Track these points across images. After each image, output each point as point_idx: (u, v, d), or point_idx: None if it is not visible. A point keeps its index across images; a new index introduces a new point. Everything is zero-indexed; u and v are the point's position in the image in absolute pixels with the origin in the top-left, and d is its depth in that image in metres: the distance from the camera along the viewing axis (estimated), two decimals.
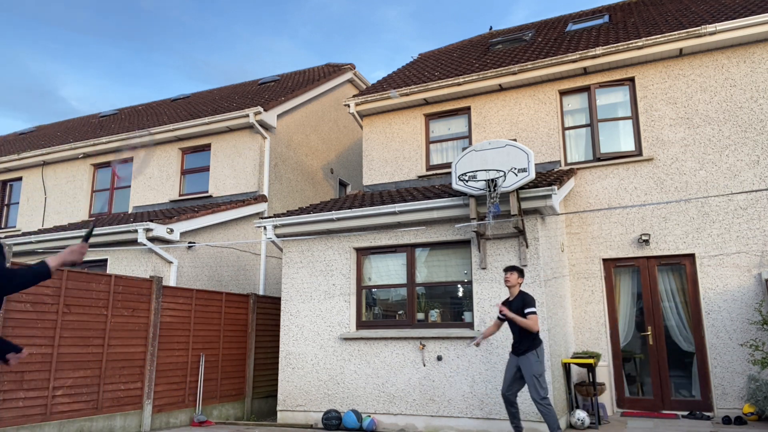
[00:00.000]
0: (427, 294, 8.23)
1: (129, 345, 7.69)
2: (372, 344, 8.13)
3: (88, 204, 13.96)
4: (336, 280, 8.57)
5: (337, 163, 15.33)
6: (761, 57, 8.82)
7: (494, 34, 14.81)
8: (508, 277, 6.17)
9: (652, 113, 9.29)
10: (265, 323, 10.17)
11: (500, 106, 10.41)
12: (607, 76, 9.72)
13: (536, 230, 7.51)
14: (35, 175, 14.85)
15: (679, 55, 9.26)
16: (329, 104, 15.13)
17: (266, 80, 16.62)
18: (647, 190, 9.05)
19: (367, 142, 11.54)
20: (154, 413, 7.92)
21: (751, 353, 7.93)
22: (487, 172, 7.46)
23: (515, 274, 6.17)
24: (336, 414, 7.89)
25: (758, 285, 8.15)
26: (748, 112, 8.73)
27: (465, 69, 11.09)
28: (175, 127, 12.82)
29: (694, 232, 8.65)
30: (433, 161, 10.96)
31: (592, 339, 8.94)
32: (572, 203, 9.42)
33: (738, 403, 7.94)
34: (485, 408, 7.31)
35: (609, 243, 9.11)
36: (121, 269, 9.58)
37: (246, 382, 9.57)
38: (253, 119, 12.01)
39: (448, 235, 8.00)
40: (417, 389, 7.74)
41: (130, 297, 7.78)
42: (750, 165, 8.56)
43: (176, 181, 12.97)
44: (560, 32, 12.06)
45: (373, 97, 11.23)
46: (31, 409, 6.45)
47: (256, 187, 12.04)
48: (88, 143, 13.88)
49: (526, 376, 5.87)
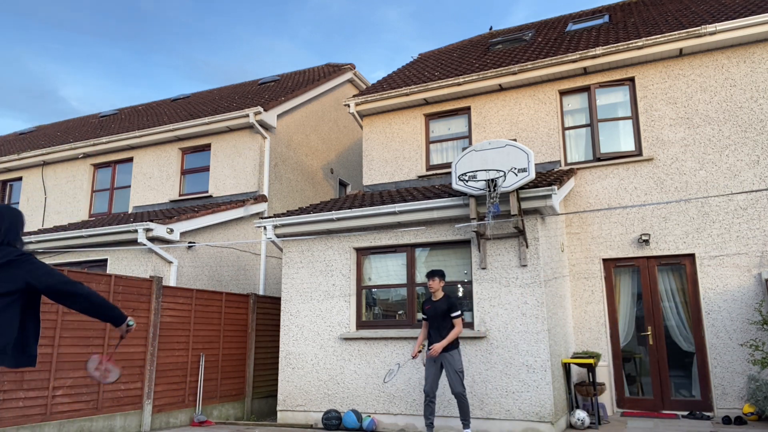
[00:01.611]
0: (427, 294, 8.23)
1: (129, 345, 7.69)
2: (372, 344, 8.13)
3: (88, 204, 13.96)
4: (336, 280, 8.57)
5: (337, 163, 15.33)
6: (761, 57, 8.82)
7: (494, 34, 14.81)
8: (430, 283, 6.69)
9: (652, 113, 9.29)
10: (265, 323, 10.17)
11: (500, 106, 10.41)
12: (607, 76, 9.72)
13: (536, 230, 7.51)
14: (35, 175, 14.85)
15: (679, 55, 9.27)
16: (329, 104, 15.13)
17: (266, 80, 16.62)
18: (647, 190, 9.05)
19: (367, 142, 11.54)
20: (154, 413, 7.92)
21: (751, 353, 7.93)
22: (487, 172, 7.46)
23: (437, 280, 6.69)
24: (336, 414, 7.89)
25: (758, 285, 8.15)
26: (748, 112, 8.73)
27: (465, 69, 11.09)
28: (175, 127, 12.82)
29: (694, 232, 8.65)
30: (433, 161, 10.96)
31: (592, 339, 8.94)
32: (572, 203, 9.42)
33: (738, 403, 7.94)
34: (485, 408, 7.31)
35: (609, 243, 9.11)
36: (121, 269, 9.58)
37: (246, 382, 9.57)
38: (253, 119, 12.01)
39: (448, 235, 8.00)
40: (417, 389, 7.74)
41: (130, 297, 7.78)
42: (750, 165, 8.56)
43: (176, 181, 12.97)
44: (560, 32, 12.06)
45: (373, 97, 11.23)
46: (31, 409, 6.45)
47: (256, 187, 12.04)
48: (88, 143, 13.87)
49: (450, 371, 6.40)
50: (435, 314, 6.59)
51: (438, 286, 6.67)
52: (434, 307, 6.62)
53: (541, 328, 7.18)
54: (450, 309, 6.52)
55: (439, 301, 6.64)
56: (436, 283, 6.68)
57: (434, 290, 6.70)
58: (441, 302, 6.61)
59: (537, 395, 7.05)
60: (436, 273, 6.75)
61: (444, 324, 6.51)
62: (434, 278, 6.70)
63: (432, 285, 6.70)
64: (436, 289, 6.69)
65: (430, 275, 6.75)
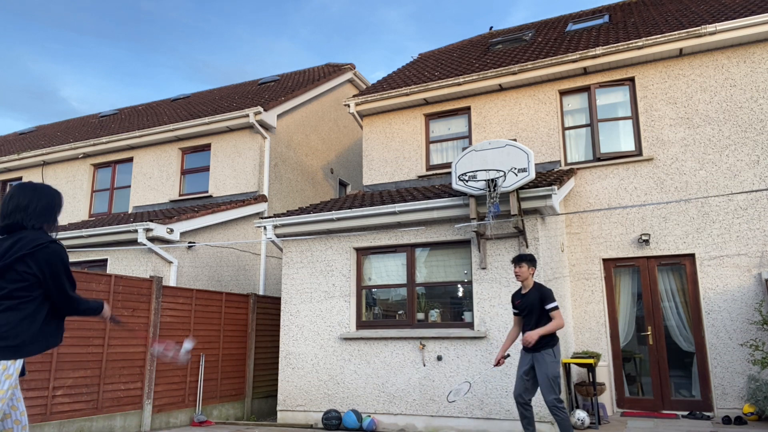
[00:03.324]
0: (427, 294, 8.23)
1: (129, 345, 7.69)
2: (372, 344, 8.13)
3: (88, 204, 13.96)
4: (336, 280, 8.57)
5: (337, 163, 15.33)
6: (761, 57, 8.82)
7: (494, 34, 14.81)
8: (517, 270, 5.51)
9: (652, 113, 9.29)
10: (265, 323, 10.17)
11: (500, 106, 10.41)
12: (607, 76, 9.72)
13: (536, 230, 7.51)
14: (35, 175, 14.85)
15: (679, 55, 9.26)
16: (329, 104, 15.12)
17: (266, 80, 16.62)
18: (647, 190, 9.04)
19: (367, 142, 11.54)
20: (154, 413, 7.92)
21: (751, 353, 7.93)
22: (487, 172, 7.46)
23: (525, 266, 5.49)
24: (336, 414, 7.88)
25: (758, 285, 8.15)
26: (748, 112, 8.73)
27: (465, 69, 11.09)
28: (175, 127, 12.82)
29: (694, 232, 8.65)
30: (433, 161, 10.96)
31: (592, 339, 8.94)
32: (572, 203, 9.42)
33: (738, 403, 7.94)
34: (485, 408, 7.31)
35: (609, 243, 9.11)
36: (121, 269, 9.58)
37: (246, 382, 9.57)
38: (253, 119, 12.01)
39: (448, 235, 8.00)
40: (417, 389, 7.74)
41: (130, 297, 7.78)
42: (750, 165, 8.56)
43: (176, 181, 12.97)
44: (560, 32, 12.06)
45: (373, 97, 11.23)
46: (31, 409, 6.44)
47: (256, 187, 12.04)
48: (88, 143, 13.87)
49: (540, 376, 5.23)
50: (527, 309, 5.41)
51: (527, 274, 5.47)
52: (525, 300, 5.46)
53: None
54: (543, 300, 5.32)
55: (530, 292, 5.45)
56: (524, 270, 5.48)
57: (522, 278, 5.49)
58: (532, 293, 5.42)
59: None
60: (524, 258, 5.51)
61: (540, 321, 5.33)
62: (521, 264, 5.49)
63: (519, 272, 5.49)
64: (524, 278, 5.48)
65: (517, 260, 5.53)
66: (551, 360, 5.22)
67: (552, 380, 5.16)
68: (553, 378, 5.17)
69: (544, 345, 5.26)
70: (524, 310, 5.44)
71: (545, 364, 5.21)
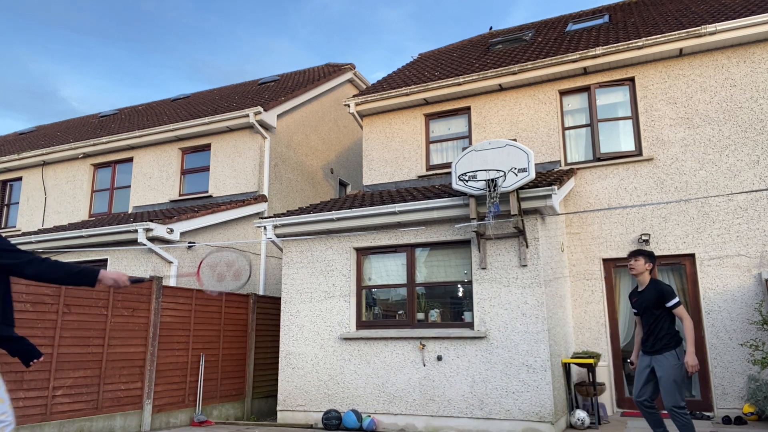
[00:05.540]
0: (427, 294, 8.23)
1: (129, 345, 7.69)
2: (372, 344, 8.13)
3: (88, 204, 13.96)
4: (336, 280, 8.57)
5: (337, 163, 15.33)
6: (761, 57, 8.82)
7: (494, 34, 14.81)
8: (632, 264, 5.12)
9: (652, 113, 9.29)
10: (265, 323, 10.17)
11: (500, 106, 10.41)
12: (607, 76, 9.72)
13: (536, 230, 7.51)
14: (35, 175, 14.85)
15: (679, 55, 9.26)
16: (329, 104, 15.13)
17: (266, 80, 16.62)
18: (647, 190, 9.05)
19: (367, 142, 11.54)
20: (154, 413, 7.92)
21: (751, 353, 7.93)
22: (487, 172, 7.46)
23: (641, 260, 5.10)
24: (336, 414, 7.89)
25: (758, 285, 8.15)
26: (748, 112, 8.73)
27: (465, 69, 11.09)
28: (175, 127, 12.82)
29: (694, 232, 8.65)
30: (433, 161, 10.96)
31: (592, 339, 8.94)
32: (572, 203, 9.42)
33: (738, 403, 7.94)
34: (485, 408, 7.30)
35: (609, 243, 9.11)
36: (121, 269, 9.58)
37: (246, 382, 9.57)
38: (253, 119, 12.01)
39: (448, 235, 8.00)
40: (417, 389, 7.74)
41: (130, 297, 7.78)
42: (750, 165, 8.56)
43: (176, 181, 12.97)
44: (560, 32, 12.06)
45: (373, 97, 11.23)
46: (31, 409, 6.45)
47: (256, 187, 12.04)
48: (88, 143, 13.87)
49: (660, 380, 4.88)
50: (643, 307, 5.07)
51: (643, 269, 5.06)
52: (641, 298, 5.10)
53: (541, 328, 7.18)
54: (661, 298, 4.93)
55: (646, 289, 5.08)
56: (640, 264, 5.08)
57: (637, 273, 5.09)
58: (648, 291, 5.05)
59: (537, 395, 7.05)
60: (642, 252, 5.11)
61: (660, 321, 4.95)
62: (637, 258, 5.10)
63: (634, 266, 5.10)
64: (639, 272, 5.08)
65: (634, 254, 5.14)
66: (674, 363, 4.85)
67: (673, 384, 4.81)
68: (675, 382, 4.81)
69: (664, 346, 4.89)
70: (640, 308, 5.12)
71: (667, 367, 4.86)
